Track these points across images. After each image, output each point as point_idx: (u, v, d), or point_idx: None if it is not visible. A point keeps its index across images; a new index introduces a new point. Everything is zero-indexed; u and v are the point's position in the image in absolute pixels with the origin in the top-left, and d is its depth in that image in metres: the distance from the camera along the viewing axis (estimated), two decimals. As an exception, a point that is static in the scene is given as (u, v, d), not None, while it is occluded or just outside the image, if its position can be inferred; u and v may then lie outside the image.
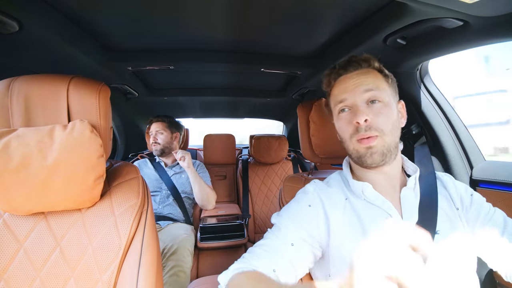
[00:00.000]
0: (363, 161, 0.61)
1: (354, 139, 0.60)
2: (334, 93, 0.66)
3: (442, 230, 0.58)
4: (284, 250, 0.58)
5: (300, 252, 0.59)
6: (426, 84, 1.03)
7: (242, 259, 0.58)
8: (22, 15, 0.72)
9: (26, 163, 0.59)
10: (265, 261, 0.56)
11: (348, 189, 0.66)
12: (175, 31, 0.98)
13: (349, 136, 0.61)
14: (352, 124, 0.60)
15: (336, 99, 0.64)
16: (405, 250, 0.42)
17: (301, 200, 0.67)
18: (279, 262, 0.56)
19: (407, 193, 0.62)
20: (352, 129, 0.60)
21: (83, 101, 0.67)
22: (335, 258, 0.59)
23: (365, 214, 0.61)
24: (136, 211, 0.70)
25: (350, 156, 0.65)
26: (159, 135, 1.75)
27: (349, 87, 0.61)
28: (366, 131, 0.58)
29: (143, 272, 0.65)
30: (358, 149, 0.60)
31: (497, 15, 0.63)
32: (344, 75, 0.64)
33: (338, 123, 0.65)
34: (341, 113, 0.63)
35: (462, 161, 0.97)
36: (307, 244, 0.60)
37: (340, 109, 0.63)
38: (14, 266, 0.63)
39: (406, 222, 0.59)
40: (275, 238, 0.60)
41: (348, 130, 0.61)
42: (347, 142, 0.63)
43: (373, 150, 0.59)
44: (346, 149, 0.64)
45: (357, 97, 0.60)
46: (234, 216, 1.67)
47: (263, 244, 0.60)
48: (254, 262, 0.56)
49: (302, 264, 0.59)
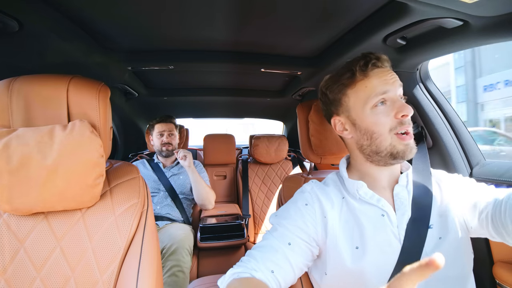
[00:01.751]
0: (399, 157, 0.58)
1: (393, 133, 0.58)
2: (370, 84, 0.60)
3: (435, 224, 0.58)
4: (281, 250, 0.58)
5: (298, 251, 0.59)
6: (426, 84, 1.03)
7: (240, 263, 0.58)
8: (22, 15, 0.72)
9: (26, 163, 0.59)
10: (263, 263, 0.56)
11: (344, 189, 0.67)
12: (175, 31, 0.98)
13: (388, 130, 0.58)
14: (390, 117, 0.58)
15: (375, 90, 0.59)
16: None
17: (298, 199, 0.67)
18: (277, 262, 0.56)
19: (399, 190, 0.62)
20: (392, 122, 0.58)
21: (83, 101, 0.67)
22: (332, 256, 0.60)
23: (360, 212, 0.61)
24: (136, 211, 0.70)
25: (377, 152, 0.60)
26: (172, 136, 1.76)
27: (389, 80, 0.59)
28: (408, 124, 0.58)
29: (143, 272, 0.65)
30: (396, 145, 0.58)
31: (497, 15, 0.63)
32: (379, 68, 0.61)
33: (372, 117, 0.59)
34: (379, 105, 0.59)
35: (462, 161, 0.97)
36: (304, 243, 0.60)
37: (377, 102, 0.59)
38: (14, 266, 0.63)
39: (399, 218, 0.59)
40: (272, 239, 0.60)
41: (387, 123, 0.58)
42: (383, 135, 0.58)
43: (411, 145, 0.59)
44: (377, 144, 0.59)
45: (397, 91, 0.59)
46: (234, 216, 1.67)
47: (261, 245, 0.60)
48: (252, 265, 0.56)
49: (300, 263, 0.60)
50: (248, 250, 0.62)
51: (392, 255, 0.56)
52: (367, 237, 0.58)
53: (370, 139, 0.60)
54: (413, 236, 0.56)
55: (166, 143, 1.73)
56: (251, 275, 0.54)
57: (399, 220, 0.59)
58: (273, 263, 0.56)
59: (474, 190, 0.61)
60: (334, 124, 0.68)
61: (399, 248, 0.56)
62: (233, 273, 0.55)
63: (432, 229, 0.58)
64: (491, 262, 0.85)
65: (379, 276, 0.55)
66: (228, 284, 0.53)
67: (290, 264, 0.57)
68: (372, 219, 0.60)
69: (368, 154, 0.63)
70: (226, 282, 0.54)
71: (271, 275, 0.55)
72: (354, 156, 0.68)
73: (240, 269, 0.55)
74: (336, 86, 0.65)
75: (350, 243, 0.59)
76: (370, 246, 0.57)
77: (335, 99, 0.66)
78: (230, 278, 0.55)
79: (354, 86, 0.62)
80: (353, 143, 0.66)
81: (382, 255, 0.56)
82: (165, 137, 1.73)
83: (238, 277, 0.54)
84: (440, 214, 0.60)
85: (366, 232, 0.58)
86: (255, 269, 0.55)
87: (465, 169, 0.96)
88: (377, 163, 0.62)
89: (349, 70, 0.63)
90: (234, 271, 0.56)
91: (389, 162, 0.61)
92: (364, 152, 0.63)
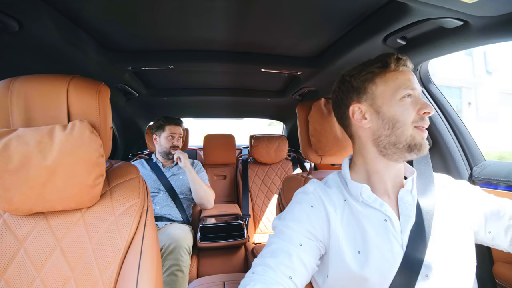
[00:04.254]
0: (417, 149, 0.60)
1: (413, 125, 0.60)
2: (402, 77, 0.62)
3: (439, 230, 0.58)
4: (295, 252, 0.56)
5: (309, 250, 0.59)
6: (426, 84, 1.03)
7: (257, 276, 0.53)
8: (22, 15, 0.72)
9: (26, 163, 0.59)
10: (280, 270, 0.54)
11: (346, 191, 0.66)
12: (176, 31, 0.98)
13: (411, 121, 0.60)
14: (414, 112, 0.60)
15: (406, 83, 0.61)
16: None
17: (303, 201, 0.66)
18: (293, 267, 0.55)
19: (404, 195, 0.62)
20: (415, 116, 0.60)
21: (83, 101, 0.67)
22: (334, 259, 0.59)
23: (363, 216, 0.60)
24: (136, 211, 0.70)
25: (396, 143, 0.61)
26: (179, 139, 1.77)
27: (414, 80, 0.63)
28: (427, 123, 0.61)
29: (143, 272, 0.65)
30: (416, 136, 0.60)
31: (497, 15, 0.63)
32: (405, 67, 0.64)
33: (399, 106, 0.61)
34: (407, 97, 0.61)
35: (462, 161, 0.97)
36: (313, 242, 0.60)
37: (407, 94, 0.61)
38: (14, 266, 0.63)
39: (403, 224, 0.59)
40: (281, 242, 0.59)
41: (411, 115, 0.60)
42: (405, 126, 0.60)
43: (426, 141, 0.62)
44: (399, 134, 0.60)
45: (419, 91, 0.63)
46: (234, 216, 1.67)
47: (272, 251, 0.58)
48: (270, 277, 0.53)
49: (312, 263, 0.59)
50: (258, 256, 0.59)
51: (394, 262, 0.55)
52: (369, 242, 0.57)
53: (392, 128, 0.61)
54: (417, 242, 0.55)
55: (176, 146, 1.74)
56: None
57: (403, 225, 0.58)
58: (289, 269, 0.54)
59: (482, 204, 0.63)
60: (353, 112, 0.66)
61: (401, 254, 0.55)
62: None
63: (435, 236, 0.57)
64: (491, 262, 0.85)
65: (381, 282, 0.55)
66: None
67: (304, 266, 0.57)
68: (375, 224, 0.59)
69: (384, 146, 0.62)
70: None
71: (289, 281, 0.53)
72: (365, 152, 0.66)
73: (260, 285, 0.51)
74: (363, 74, 0.65)
75: (353, 247, 0.59)
76: (372, 252, 0.56)
77: (360, 87, 0.65)
78: None
79: (385, 75, 0.63)
80: (369, 134, 0.64)
81: (384, 261, 0.56)
82: (176, 140, 1.75)
83: None
84: (445, 220, 0.60)
85: (368, 237, 0.58)
86: (273, 281, 0.52)
87: (465, 169, 0.96)
88: (390, 157, 0.62)
89: (381, 61, 0.64)
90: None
91: (403, 155, 0.61)
92: (379, 144, 0.62)
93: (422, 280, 0.54)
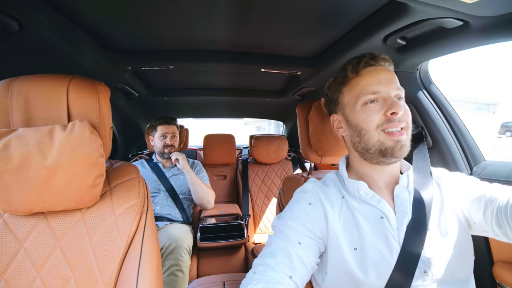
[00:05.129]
0: (388, 153, 0.58)
1: (380, 130, 0.59)
2: (362, 82, 0.62)
3: (435, 226, 0.58)
4: (294, 251, 0.57)
5: (308, 249, 0.59)
6: (426, 84, 1.03)
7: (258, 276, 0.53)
8: (22, 15, 0.72)
9: (26, 163, 0.59)
10: (280, 270, 0.54)
11: (344, 188, 0.67)
12: (176, 31, 0.98)
13: (375, 127, 0.59)
14: (379, 115, 0.58)
15: (366, 89, 0.60)
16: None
17: (301, 199, 0.67)
18: (292, 266, 0.55)
19: (399, 191, 0.62)
20: (380, 119, 0.58)
21: (83, 101, 0.67)
22: (333, 256, 0.60)
23: (359, 213, 0.61)
24: (136, 211, 0.70)
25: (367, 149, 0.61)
26: (174, 138, 1.76)
27: (383, 80, 0.60)
28: (399, 121, 0.58)
29: (143, 272, 0.65)
30: (384, 141, 0.58)
31: (497, 15, 0.63)
32: (373, 66, 0.63)
33: (361, 113, 0.61)
34: (368, 103, 0.60)
35: (462, 161, 0.97)
36: (312, 240, 0.60)
37: (368, 100, 0.60)
38: (14, 266, 0.63)
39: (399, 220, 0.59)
40: (280, 241, 0.59)
41: (374, 120, 0.59)
42: (370, 132, 0.60)
43: (402, 143, 0.59)
44: (366, 141, 0.61)
45: (390, 91, 0.60)
46: (233, 216, 1.67)
47: (272, 250, 0.58)
48: (271, 277, 0.53)
49: (312, 261, 0.59)
50: (258, 256, 0.60)
51: (391, 258, 0.55)
52: (365, 239, 0.58)
53: (359, 135, 0.62)
54: (413, 238, 0.55)
55: (170, 145, 1.73)
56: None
57: (399, 222, 0.58)
58: (289, 268, 0.55)
59: (478, 185, 0.61)
60: (333, 122, 0.71)
61: (398, 250, 0.56)
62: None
63: (432, 231, 0.57)
64: (491, 262, 0.85)
65: (378, 278, 0.55)
66: None
67: (304, 265, 0.57)
68: (371, 221, 0.59)
69: (360, 152, 0.64)
70: None
71: (289, 281, 0.54)
72: (351, 155, 0.69)
73: (261, 284, 0.51)
74: (334, 85, 0.69)
75: (350, 243, 0.59)
76: (368, 248, 0.57)
77: (333, 98, 0.70)
78: None
79: (348, 84, 0.65)
80: (348, 140, 0.68)
81: (381, 257, 0.56)
82: (168, 140, 1.73)
83: None
84: (440, 215, 0.60)
85: (365, 233, 0.58)
86: (274, 281, 0.52)
87: (465, 169, 0.96)
88: (370, 161, 0.63)
89: (344, 69, 0.66)
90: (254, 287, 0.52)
91: (380, 160, 0.61)
92: (357, 150, 0.65)
93: (421, 276, 0.54)
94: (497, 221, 0.52)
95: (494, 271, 0.82)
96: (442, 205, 0.61)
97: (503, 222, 0.51)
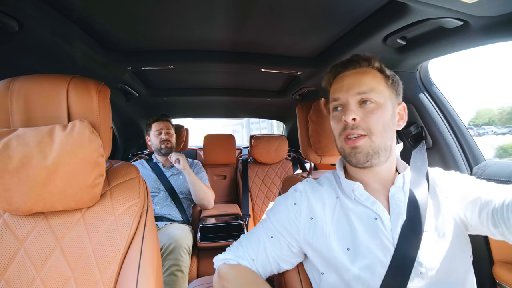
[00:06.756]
0: (348, 160, 0.63)
1: (342, 137, 0.62)
2: (331, 91, 0.67)
3: (431, 227, 0.57)
4: (263, 241, 0.65)
5: (277, 244, 0.64)
6: (426, 84, 1.03)
7: (231, 249, 0.68)
8: (22, 15, 0.72)
9: (26, 163, 0.59)
10: (247, 251, 0.65)
11: (340, 188, 0.67)
12: (176, 31, 0.98)
13: (338, 134, 0.63)
14: (341, 122, 0.61)
15: (332, 97, 0.65)
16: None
17: (289, 196, 0.70)
18: (257, 252, 0.65)
19: (395, 192, 0.61)
20: (341, 127, 0.61)
21: (83, 101, 0.67)
22: (325, 256, 0.60)
23: (353, 213, 0.61)
24: (136, 211, 0.70)
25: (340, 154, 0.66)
26: (169, 133, 1.77)
27: (344, 87, 0.62)
28: (352, 129, 0.59)
29: (143, 272, 0.65)
30: (344, 148, 0.62)
31: (497, 15, 0.63)
32: (342, 73, 0.65)
33: (331, 121, 0.66)
34: (334, 111, 0.65)
35: (462, 161, 0.97)
36: (284, 239, 0.64)
37: (334, 107, 0.65)
38: (14, 266, 0.63)
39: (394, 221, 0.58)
40: (260, 229, 0.68)
41: (338, 128, 0.62)
42: (336, 139, 0.65)
43: (358, 150, 0.59)
44: (337, 146, 0.66)
45: (349, 97, 0.60)
46: (233, 216, 1.67)
47: (251, 233, 0.69)
48: (240, 253, 0.66)
49: (276, 257, 0.64)
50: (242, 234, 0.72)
51: (384, 259, 0.55)
52: (358, 240, 0.57)
53: (334, 141, 0.66)
54: (409, 239, 0.55)
55: (165, 140, 1.73)
56: (238, 262, 0.64)
57: (393, 223, 0.57)
58: (254, 253, 0.65)
59: (473, 186, 0.59)
60: None
61: (392, 251, 0.55)
62: (224, 259, 0.66)
63: (429, 232, 0.56)
64: (491, 262, 0.85)
65: (373, 279, 0.54)
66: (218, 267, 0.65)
67: (267, 256, 0.64)
68: (364, 222, 0.59)
69: None
70: (217, 265, 0.66)
71: (252, 262, 0.64)
72: None
73: (230, 255, 0.66)
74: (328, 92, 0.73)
75: (342, 243, 0.59)
76: (361, 249, 0.56)
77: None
78: (220, 262, 0.66)
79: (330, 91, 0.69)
80: None
81: (374, 258, 0.55)
82: (164, 135, 1.74)
83: (228, 263, 0.64)
84: (438, 217, 0.59)
85: (358, 234, 0.58)
86: (241, 256, 0.65)
87: (465, 169, 0.96)
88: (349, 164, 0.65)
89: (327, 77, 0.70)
90: (224, 256, 0.66)
91: (354, 165, 0.62)
92: None
93: (416, 277, 0.53)
94: (493, 221, 0.52)
95: (494, 271, 0.82)
96: (439, 206, 0.60)
97: (499, 222, 0.51)
